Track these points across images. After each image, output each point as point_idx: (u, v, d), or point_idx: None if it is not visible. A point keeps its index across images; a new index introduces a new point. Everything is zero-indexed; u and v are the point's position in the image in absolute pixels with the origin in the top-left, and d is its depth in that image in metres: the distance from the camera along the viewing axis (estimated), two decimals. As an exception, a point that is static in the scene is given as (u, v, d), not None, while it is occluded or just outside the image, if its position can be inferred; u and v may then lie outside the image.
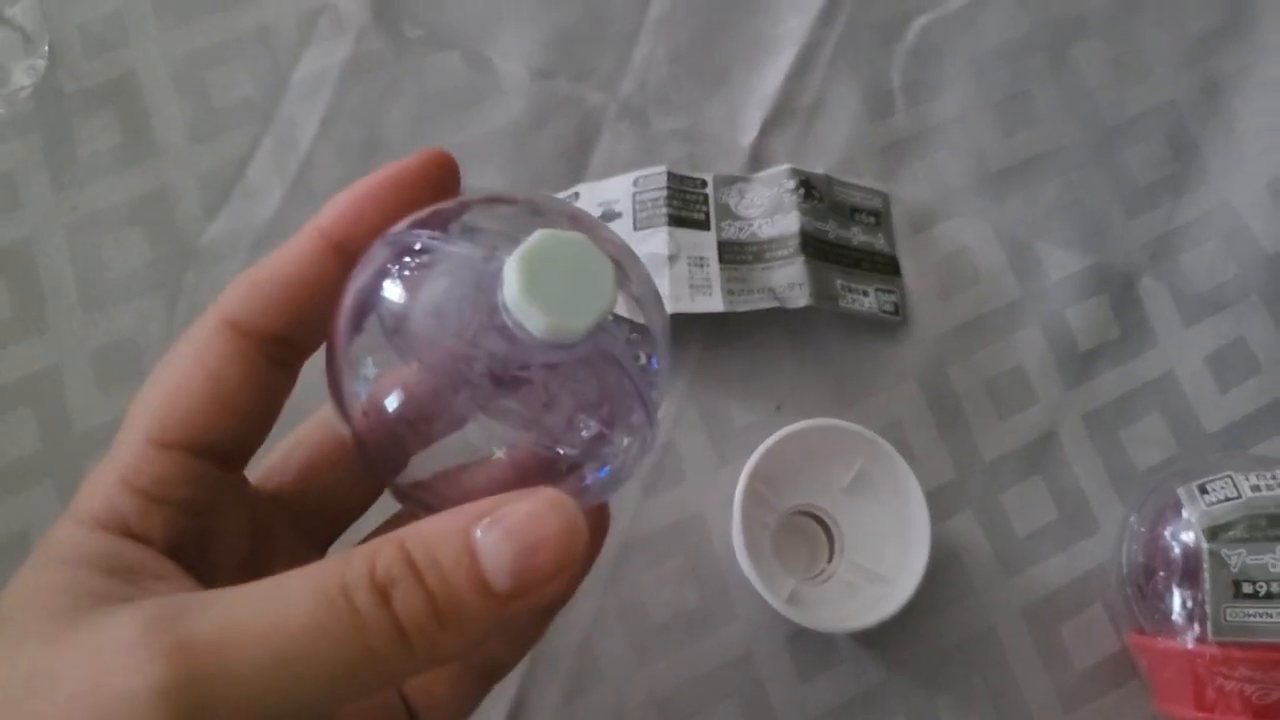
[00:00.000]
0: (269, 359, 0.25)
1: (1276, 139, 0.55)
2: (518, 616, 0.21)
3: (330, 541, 0.30)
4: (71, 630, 0.20)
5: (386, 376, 0.23)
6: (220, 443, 0.24)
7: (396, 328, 0.22)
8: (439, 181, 0.26)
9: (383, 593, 0.20)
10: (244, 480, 0.27)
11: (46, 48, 0.53)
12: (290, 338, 0.25)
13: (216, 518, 0.25)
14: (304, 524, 0.29)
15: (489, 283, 0.21)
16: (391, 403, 0.23)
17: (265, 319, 0.25)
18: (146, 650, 0.19)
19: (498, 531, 0.20)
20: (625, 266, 0.24)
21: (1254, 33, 0.57)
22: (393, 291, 0.23)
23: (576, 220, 0.25)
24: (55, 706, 0.19)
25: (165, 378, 0.24)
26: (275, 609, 0.20)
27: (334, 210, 0.25)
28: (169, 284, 0.50)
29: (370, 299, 0.23)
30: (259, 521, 0.27)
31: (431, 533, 0.21)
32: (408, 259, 0.23)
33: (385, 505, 0.29)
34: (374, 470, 0.24)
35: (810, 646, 0.47)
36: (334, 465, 0.29)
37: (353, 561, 0.21)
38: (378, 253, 0.23)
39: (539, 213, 0.26)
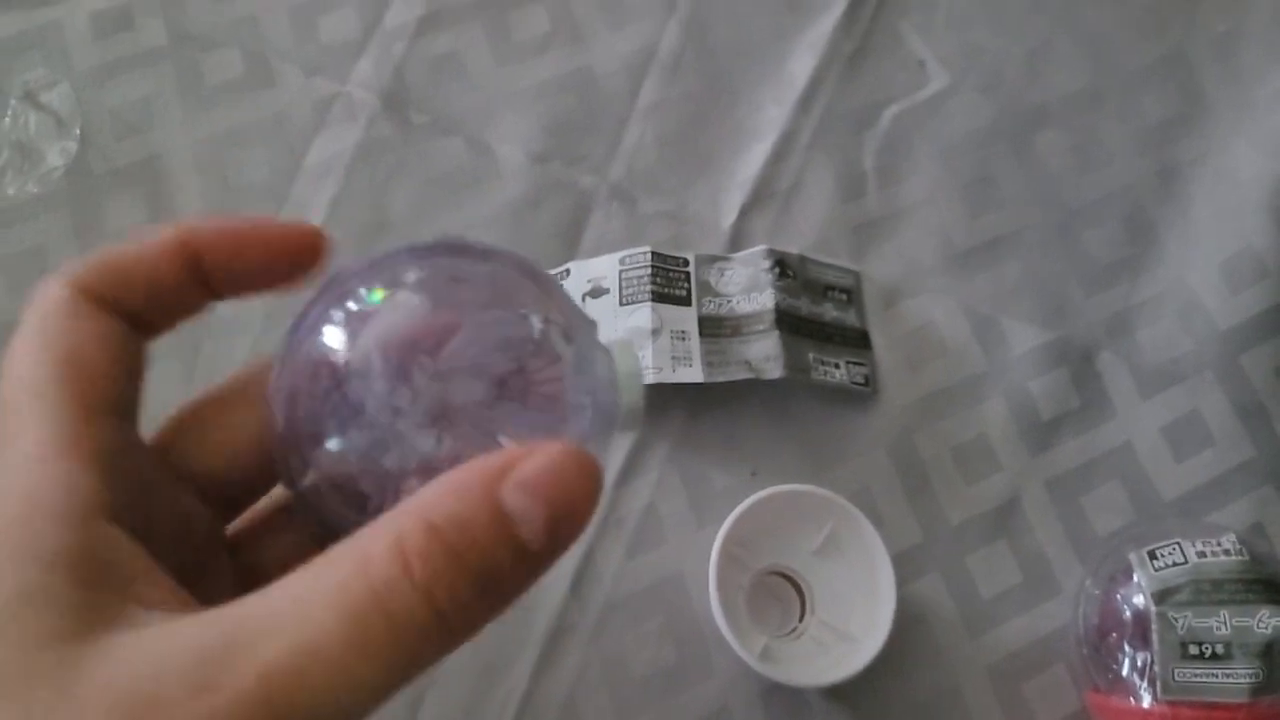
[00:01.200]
0: (116, 324, 0.24)
1: (1229, 222, 0.58)
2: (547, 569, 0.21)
3: (233, 507, 0.28)
4: (38, 682, 0.18)
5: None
6: (123, 400, 0.23)
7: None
8: (301, 258, 0.27)
9: (426, 592, 0.19)
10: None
11: (79, 131, 0.57)
12: (138, 315, 0.25)
13: (153, 490, 0.24)
14: (207, 491, 0.26)
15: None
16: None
17: (119, 291, 0.24)
18: None
19: (526, 494, 0.20)
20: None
21: (1208, 123, 0.61)
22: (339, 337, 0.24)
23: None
24: None
25: (53, 344, 0.23)
26: (304, 645, 0.18)
27: (206, 230, 0.26)
28: (186, 353, 0.54)
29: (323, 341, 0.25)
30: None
31: (458, 504, 0.20)
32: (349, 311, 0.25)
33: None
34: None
35: (783, 702, 0.50)
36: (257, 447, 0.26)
37: (375, 561, 0.19)
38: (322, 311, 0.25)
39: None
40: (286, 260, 0.26)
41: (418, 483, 0.21)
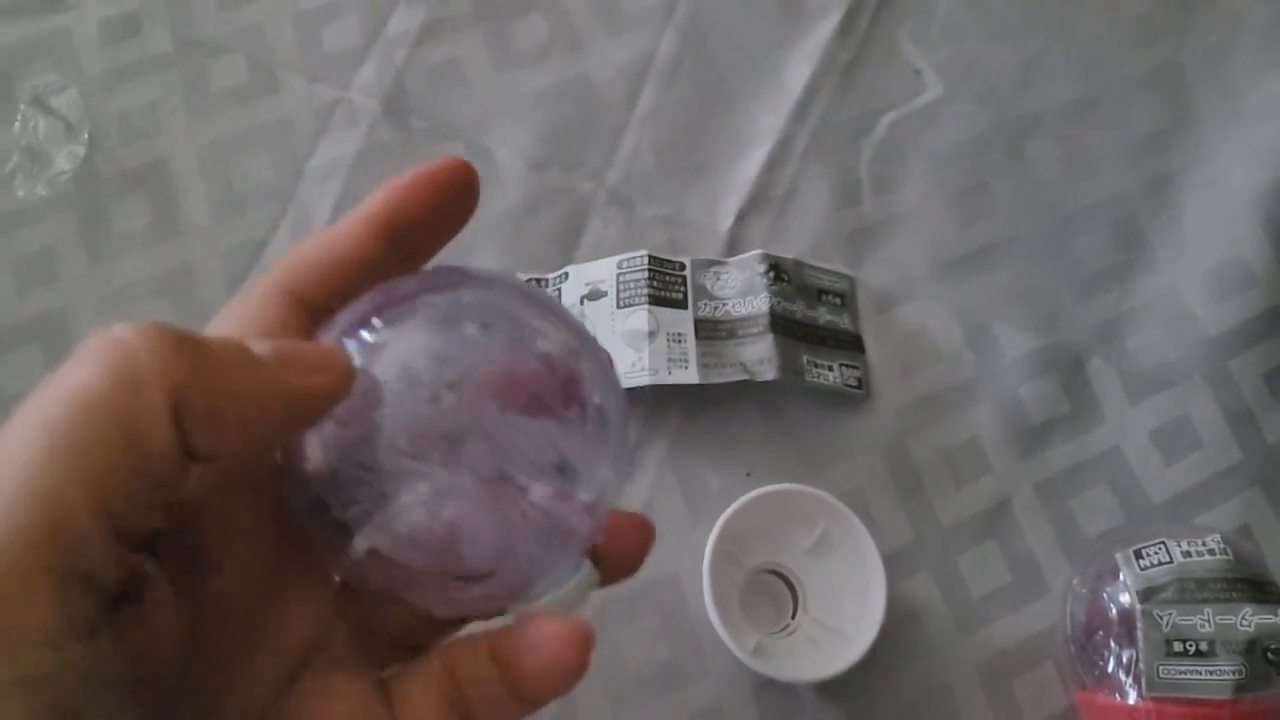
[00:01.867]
0: (313, 327, 0.26)
1: (1219, 230, 0.60)
2: None
3: None
4: None
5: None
6: None
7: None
8: (463, 187, 0.28)
9: None
10: None
11: (87, 135, 0.59)
12: (332, 310, 0.26)
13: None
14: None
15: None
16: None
17: (315, 290, 0.26)
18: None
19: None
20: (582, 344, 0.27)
21: (1198, 132, 0.62)
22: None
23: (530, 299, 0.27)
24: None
25: (224, 331, 0.25)
26: None
27: (382, 197, 0.27)
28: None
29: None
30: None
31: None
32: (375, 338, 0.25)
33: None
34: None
35: (776, 698, 0.51)
36: None
37: None
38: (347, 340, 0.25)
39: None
40: (459, 192, 0.28)
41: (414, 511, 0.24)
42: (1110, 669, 0.48)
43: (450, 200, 0.28)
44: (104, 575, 0.20)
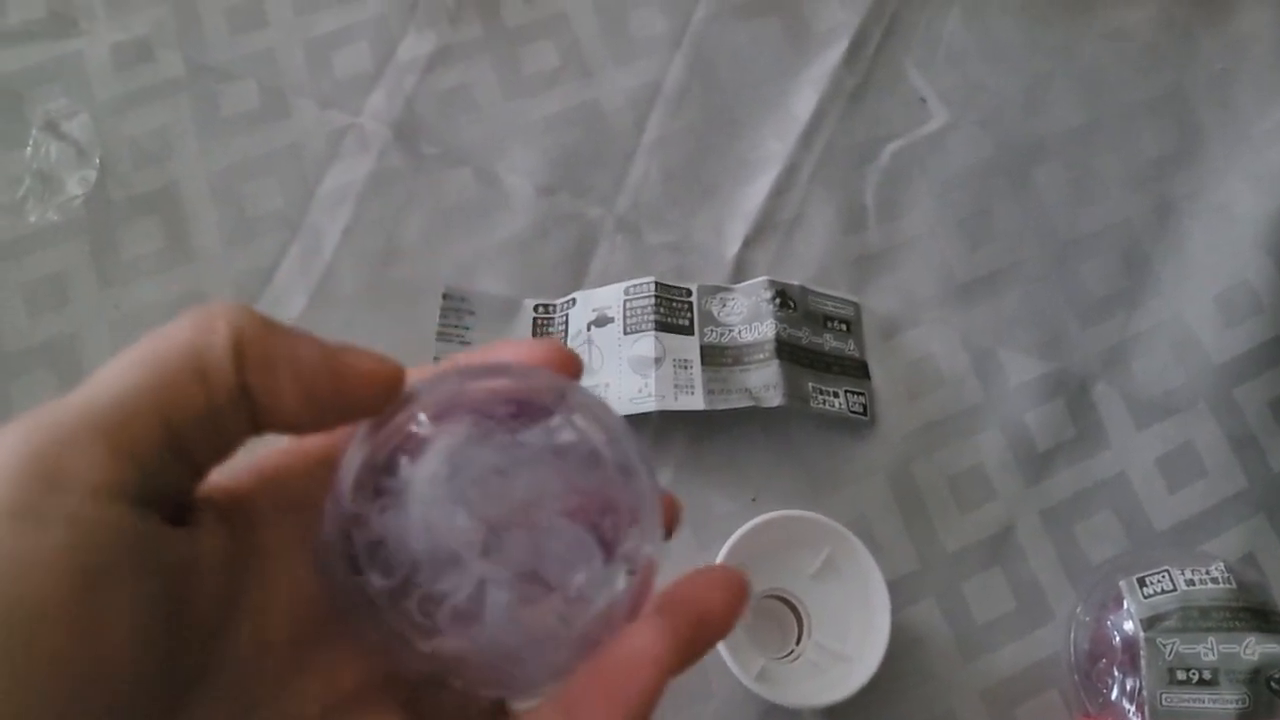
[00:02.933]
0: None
1: (1224, 257, 0.61)
2: None
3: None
4: None
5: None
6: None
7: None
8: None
9: None
10: None
11: (98, 160, 0.60)
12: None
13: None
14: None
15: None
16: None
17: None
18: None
19: None
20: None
21: (1203, 159, 0.63)
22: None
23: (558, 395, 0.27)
24: None
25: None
26: None
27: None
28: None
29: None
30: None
31: None
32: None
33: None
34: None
35: (780, 724, 0.52)
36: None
37: None
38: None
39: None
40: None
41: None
42: (1114, 697, 0.48)
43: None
44: (157, 476, 0.22)
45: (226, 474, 0.26)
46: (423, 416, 0.26)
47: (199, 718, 0.23)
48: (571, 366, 0.29)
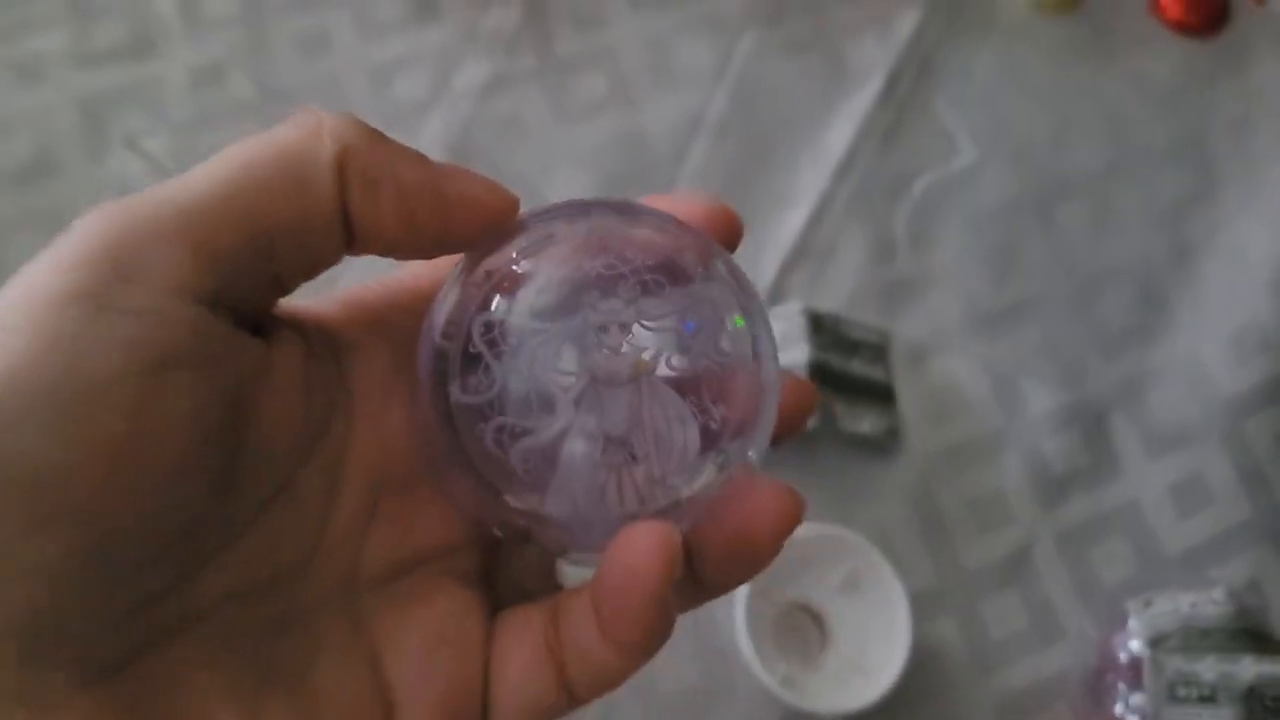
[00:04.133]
0: None
1: (1238, 295, 0.64)
2: None
3: None
4: None
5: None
6: None
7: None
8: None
9: None
10: None
11: (176, 174, 0.64)
12: None
13: None
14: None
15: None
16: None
17: None
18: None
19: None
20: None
21: (1220, 202, 0.67)
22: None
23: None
24: None
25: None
26: None
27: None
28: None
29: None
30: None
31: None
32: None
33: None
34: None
35: (802, 728, 0.55)
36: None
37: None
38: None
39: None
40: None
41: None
42: (1119, 711, 0.52)
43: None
44: (237, 282, 0.22)
45: (314, 301, 0.26)
46: (546, 249, 0.25)
47: (256, 548, 0.23)
48: (730, 230, 0.27)
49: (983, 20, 0.71)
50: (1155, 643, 0.52)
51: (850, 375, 0.61)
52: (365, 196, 0.23)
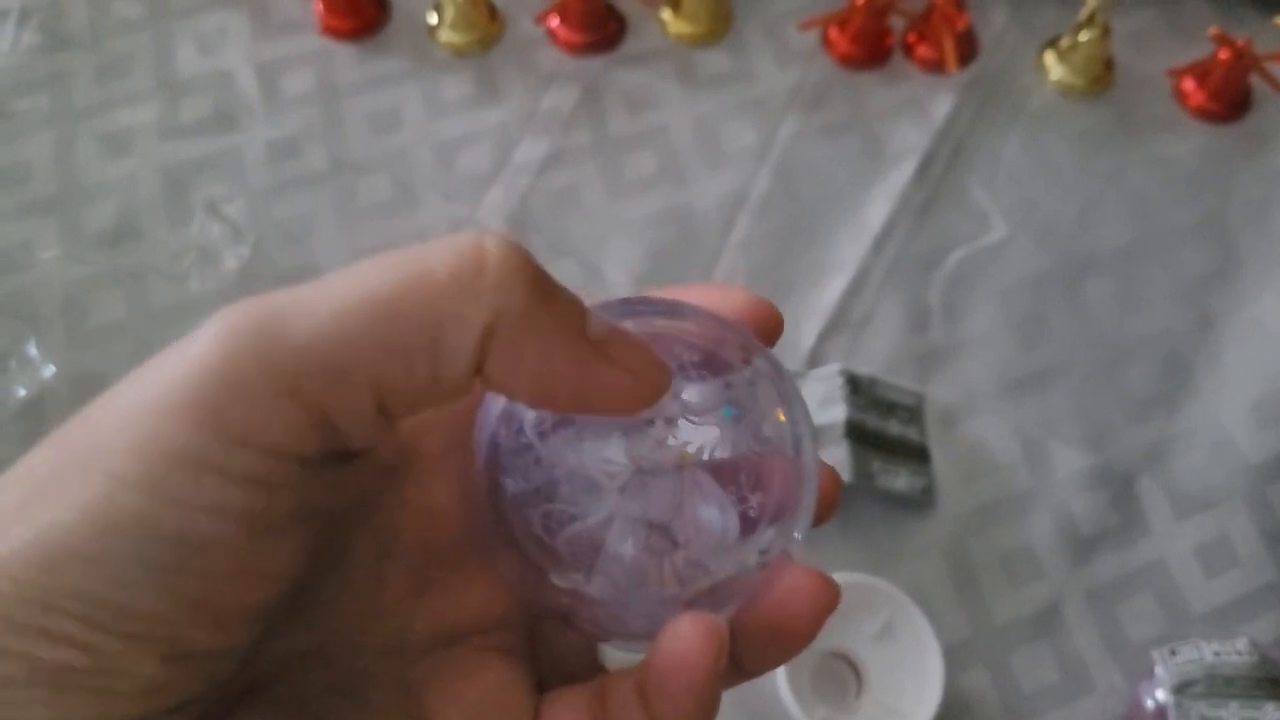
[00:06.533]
0: None
1: (1259, 367, 0.68)
2: None
3: None
4: None
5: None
6: None
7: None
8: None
9: None
10: None
11: (251, 239, 0.70)
12: None
13: None
14: None
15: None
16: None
17: None
18: (213, 324, 0.21)
19: None
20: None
21: (1241, 277, 0.71)
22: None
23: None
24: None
25: None
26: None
27: None
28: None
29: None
30: None
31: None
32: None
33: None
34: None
35: (839, 772, 0.58)
36: None
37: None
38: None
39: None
40: None
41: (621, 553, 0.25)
42: (1147, 758, 0.54)
43: None
44: (347, 436, 0.22)
45: None
46: None
47: (316, 616, 0.24)
48: (770, 323, 0.28)
49: (1013, 105, 0.76)
50: (1180, 689, 0.54)
51: (887, 435, 0.65)
52: (504, 366, 0.22)
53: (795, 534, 0.26)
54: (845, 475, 0.62)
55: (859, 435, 0.63)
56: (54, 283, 0.68)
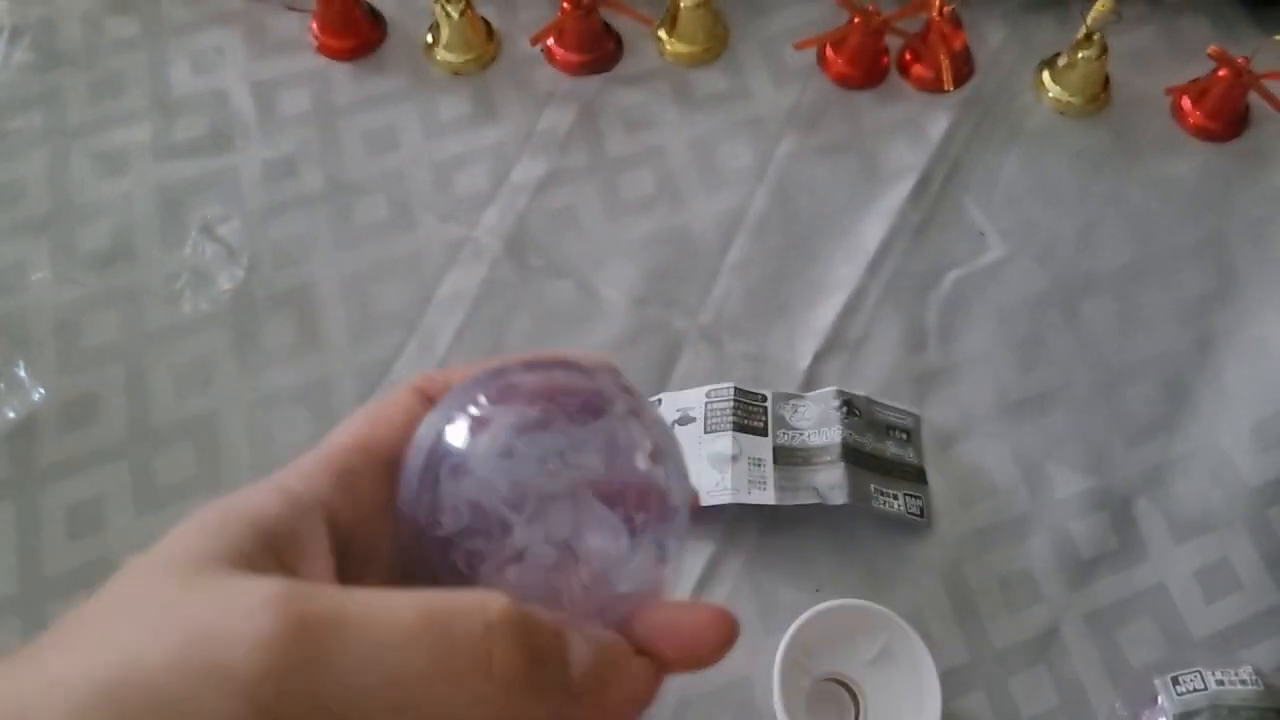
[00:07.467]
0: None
1: (1259, 389, 0.67)
2: None
3: None
4: (210, 579, 0.23)
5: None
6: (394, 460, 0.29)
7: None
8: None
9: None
10: None
11: (246, 260, 0.70)
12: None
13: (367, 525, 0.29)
14: None
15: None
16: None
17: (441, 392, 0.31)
18: (266, 612, 0.22)
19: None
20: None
21: (1241, 298, 0.70)
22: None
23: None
24: (167, 637, 0.22)
25: (371, 411, 0.30)
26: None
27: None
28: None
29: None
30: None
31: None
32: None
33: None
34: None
35: (836, 799, 0.57)
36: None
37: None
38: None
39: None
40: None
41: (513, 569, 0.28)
42: (1147, 787, 0.54)
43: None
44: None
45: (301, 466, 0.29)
46: (485, 401, 0.30)
47: None
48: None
49: (1010, 124, 0.76)
50: (1184, 719, 0.54)
51: (883, 456, 0.64)
52: None
53: (677, 538, 0.30)
54: (841, 498, 0.61)
55: (855, 457, 0.63)
56: (46, 304, 0.68)
